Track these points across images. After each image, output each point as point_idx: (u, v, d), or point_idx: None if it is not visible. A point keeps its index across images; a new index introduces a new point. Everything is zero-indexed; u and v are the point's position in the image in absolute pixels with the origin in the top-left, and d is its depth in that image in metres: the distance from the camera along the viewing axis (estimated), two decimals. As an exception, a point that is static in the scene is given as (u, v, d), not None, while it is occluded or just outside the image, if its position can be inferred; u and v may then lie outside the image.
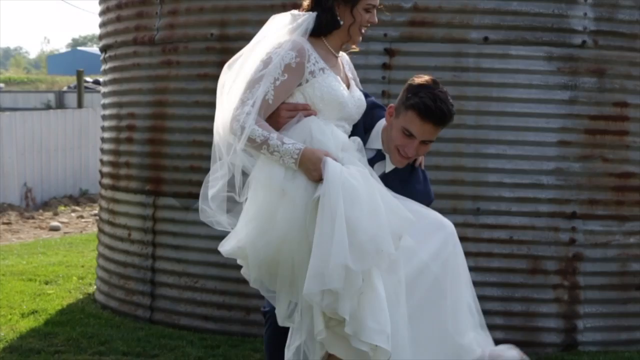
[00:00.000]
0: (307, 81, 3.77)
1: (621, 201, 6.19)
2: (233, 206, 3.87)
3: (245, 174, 3.81)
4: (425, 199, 4.08)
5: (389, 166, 4.04)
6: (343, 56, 4.05)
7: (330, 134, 3.76)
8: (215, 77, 5.76)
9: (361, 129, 4.02)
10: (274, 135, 3.66)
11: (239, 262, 3.89)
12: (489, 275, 6.07)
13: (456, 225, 5.95)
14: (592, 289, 6.18)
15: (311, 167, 3.64)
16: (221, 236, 6.37)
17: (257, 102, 3.68)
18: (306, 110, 3.78)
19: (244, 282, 6.27)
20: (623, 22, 6.14)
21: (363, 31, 3.91)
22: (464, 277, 3.96)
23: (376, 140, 4.04)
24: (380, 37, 6.06)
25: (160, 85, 6.78)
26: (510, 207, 6.08)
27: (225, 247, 3.84)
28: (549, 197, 6.11)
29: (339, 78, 3.87)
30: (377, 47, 6.08)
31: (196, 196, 6.35)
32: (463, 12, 6.04)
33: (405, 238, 3.72)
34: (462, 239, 5.95)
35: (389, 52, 6.09)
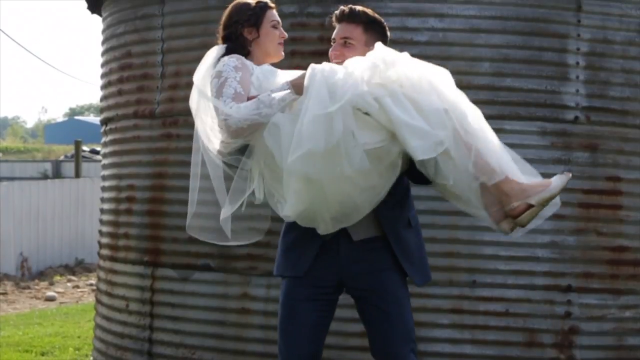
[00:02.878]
0: (251, 75, 4.11)
1: (616, 275, 6.24)
2: None
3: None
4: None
5: None
6: None
7: (291, 73, 4.11)
8: (215, 151, 5.85)
9: None
10: (260, 96, 3.96)
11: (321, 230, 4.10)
12: (485, 348, 6.08)
13: (452, 297, 6.07)
14: (588, 363, 6.19)
15: (303, 82, 3.92)
16: (219, 308, 6.44)
17: (231, 96, 3.96)
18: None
19: (242, 353, 6.34)
20: (614, 98, 6.26)
21: (280, 43, 4.34)
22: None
23: None
24: (377, 112, 6.16)
25: (160, 158, 6.87)
26: (506, 280, 6.12)
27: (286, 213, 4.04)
28: (544, 270, 6.16)
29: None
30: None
31: (195, 267, 6.50)
32: (458, 87, 6.14)
33: None
34: (458, 311, 6.06)
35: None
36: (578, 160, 6.20)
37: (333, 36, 4.37)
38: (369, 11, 4.37)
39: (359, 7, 4.37)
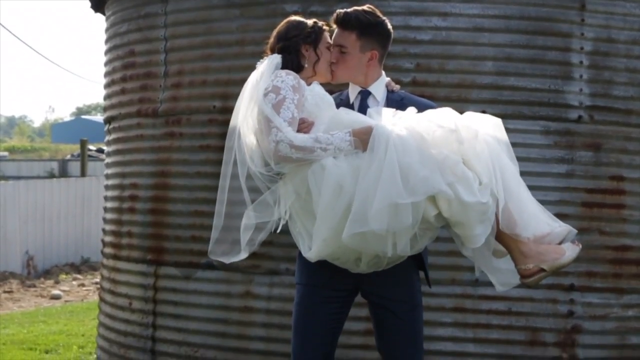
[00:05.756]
0: (303, 96, 4.03)
1: (619, 274, 6.23)
2: None
3: None
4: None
5: (375, 98, 4.32)
6: None
7: (353, 113, 4.02)
8: (217, 148, 5.94)
9: None
10: (319, 133, 3.88)
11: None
12: (487, 347, 6.08)
13: (455, 296, 6.06)
14: (591, 362, 6.18)
15: (366, 138, 3.82)
16: (222, 306, 6.45)
17: (288, 121, 3.89)
18: (305, 122, 3.98)
19: (244, 351, 6.34)
20: (618, 98, 6.25)
21: (330, 66, 4.27)
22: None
23: (352, 90, 4.37)
24: (380, 111, 6.15)
25: (163, 157, 6.87)
26: (509, 279, 6.11)
27: (310, 255, 3.97)
28: (547, 269, 6.14)
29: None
30: (377, 120, 6.17)
31: (197, 265, 6.51)
32: (461, 87, 6.15)
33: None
34: (461, 310, 6.05)
35: (389, 125, 6.18)
36: (581, 159, 6.19)
37: (331, 41, 4.33)
38: (363, 15, 4.28)
39: (354, 11, 4.28)
